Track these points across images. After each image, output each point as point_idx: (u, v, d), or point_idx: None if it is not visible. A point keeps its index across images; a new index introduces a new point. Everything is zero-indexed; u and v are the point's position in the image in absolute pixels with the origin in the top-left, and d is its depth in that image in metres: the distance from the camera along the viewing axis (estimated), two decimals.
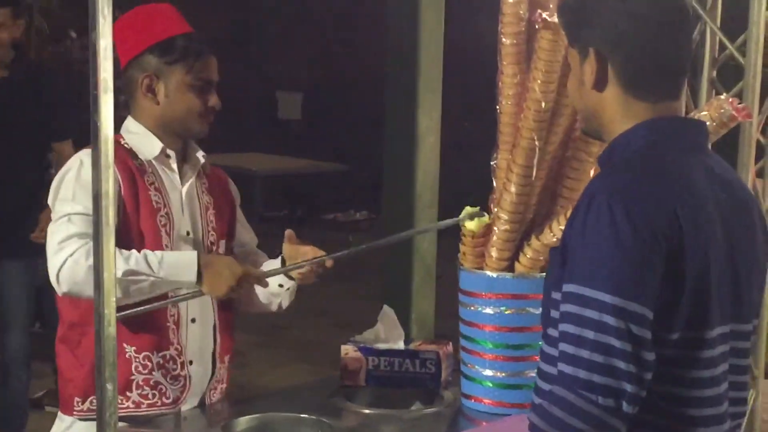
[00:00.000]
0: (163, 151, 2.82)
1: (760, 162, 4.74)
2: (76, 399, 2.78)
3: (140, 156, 2.81)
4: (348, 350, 3.03)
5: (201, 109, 2.80)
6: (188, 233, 2.84)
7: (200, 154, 2.91)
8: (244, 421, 2.74)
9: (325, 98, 12.08)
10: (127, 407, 2.73)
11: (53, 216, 2.71)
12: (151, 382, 2.77)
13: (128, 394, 2.74)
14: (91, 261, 2.44)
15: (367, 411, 2.89)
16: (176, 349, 2.80)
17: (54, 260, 2.61)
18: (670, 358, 1.82)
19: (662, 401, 1.84)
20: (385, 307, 3.16)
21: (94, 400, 2.70)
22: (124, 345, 2.72)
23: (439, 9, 5.42)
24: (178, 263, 2.65)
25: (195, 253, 2.69)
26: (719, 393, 1.90)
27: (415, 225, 5.45)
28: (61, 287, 2.61)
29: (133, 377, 2.75)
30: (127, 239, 2.67)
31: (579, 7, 2.01)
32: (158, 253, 2.66)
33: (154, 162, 2.82)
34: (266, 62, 12.82)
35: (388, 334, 3.09)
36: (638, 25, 1.93)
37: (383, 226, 5.87)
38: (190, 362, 2.84)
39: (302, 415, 2.78)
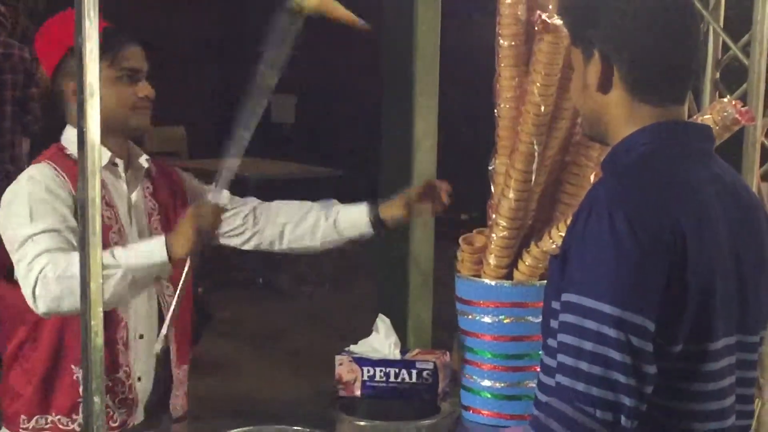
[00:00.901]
0: (111, 161, 2.78)
1: (765, 165, 4.74)
2: (23, 417, 2.75)
3: None
4: (343, 360, 3.02)
5: (133, 100, 2.77)
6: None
7: (144, 159, 2.88)
8: None
9: (319, 101, 12.08)
10: (73, 429, 2.72)
11: (11, 244, 2.64)
12: None
13: (74, 416, 2.71)
14: (59, 271, 2.45)
15: (362, 423, 2.88)
16: (125, 371, 2.78)
17: (26, 283, 2.54)
18: (672, 371, 1.81)
19: (664, 415, 1.83)
20: (381, 316, 3.16)
21: (41, 419, 2.73)
22: (72, 366, 2.70)
23: (435, 9, 5.42)
24: (145, 246, 2.61)
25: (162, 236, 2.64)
26: (725, 407, 1.89)
27: (412, 230, 5.45)
28: (39, 308, 2.54)
29: (80, 400, 2.60)
30: None
31: (583, 6, 1.99)
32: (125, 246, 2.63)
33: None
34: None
35: (383, 343, 3.08)
36: (644, 25, 1.92)
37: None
38: (139, 378, 2.81)
39: (295, 428, 2.79)
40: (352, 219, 2.99)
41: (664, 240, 1.78)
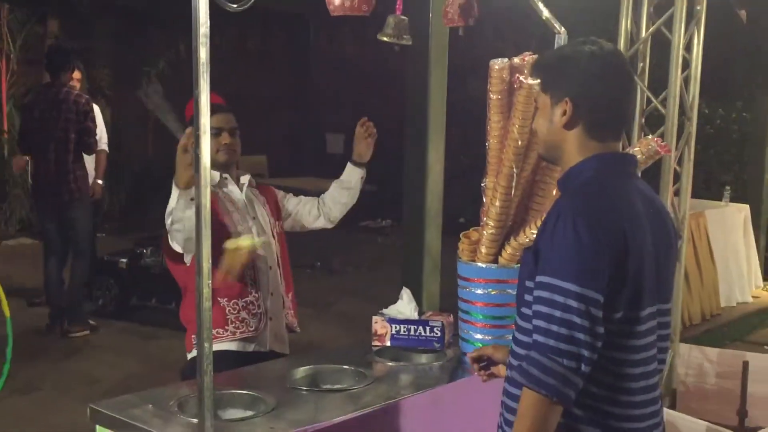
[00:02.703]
0: (222, 176, 3.08)
1: (677, 184, 4.75)
2: (193, 336, 2.94)
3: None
4: (377, 320, 3.03)
5: (216, 147, 3.04)
6: (254, 218, 3.09)
7: (245, 177, 3.16)
8: (302, 370, 2.76)
9: None
10: (227, 335, 2.95)
11: None
12: (240, 319, 2.97)
13: (226, 327, 2.96)
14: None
15: (391, 363, 2.89)
16: (254, 296, 3.00)
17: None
18: (614, 331, 1.80)
19: (608, 362, 1.82)
20: (404, 289, 3.16)
21: (219, 331, 2.95)
22: (218, 298, 2.92)
23: (443, 73, 5.44)
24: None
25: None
26: (649, 356, 1.88)
27: (426, 230, 5.46)
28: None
29: (227, 317, 2.95)
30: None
31: (559, 65, 1.96)
32: None
33: (219, 187, 3.07)
34: (318, 111, 12.87)
35: (406, 308, 3.08)
36: (604, 84, 1.90)
37: (403, 230, 5.88)
38: (271, 293, 3.05)
39: (344, 366, 2.80)
40: (349, 175, 3.35)
41: (612, 239, 1.77)
